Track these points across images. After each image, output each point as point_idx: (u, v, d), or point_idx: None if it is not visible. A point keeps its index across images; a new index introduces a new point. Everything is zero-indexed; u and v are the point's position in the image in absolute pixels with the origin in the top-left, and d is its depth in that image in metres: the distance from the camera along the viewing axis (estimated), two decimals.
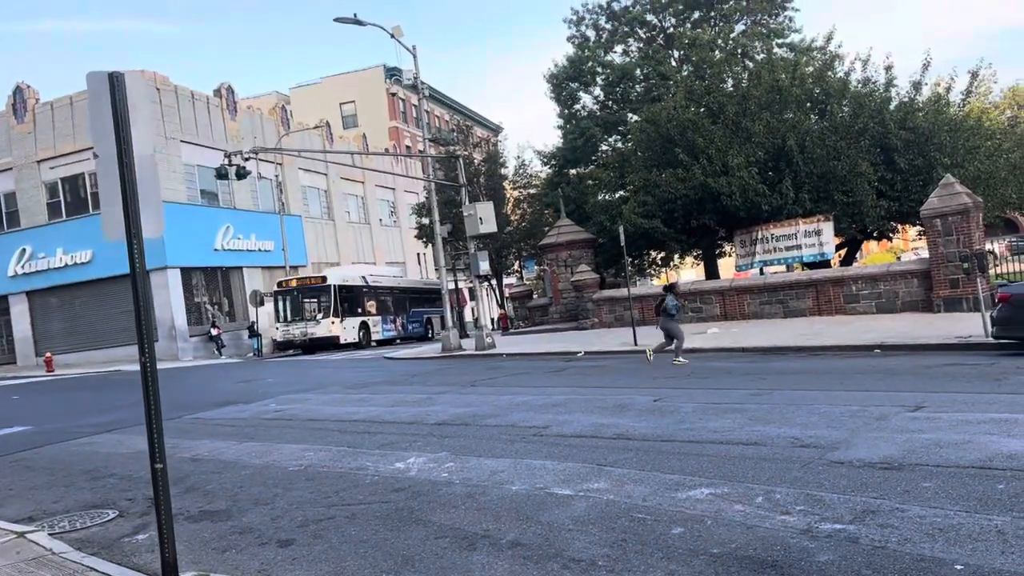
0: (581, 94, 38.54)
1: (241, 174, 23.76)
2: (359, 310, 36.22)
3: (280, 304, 34.99)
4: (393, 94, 63.01)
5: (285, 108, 47.98)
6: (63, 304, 37.48)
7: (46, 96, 37.88)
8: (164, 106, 35.98)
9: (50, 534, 6.45)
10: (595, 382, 13.96)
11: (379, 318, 37.94)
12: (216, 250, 37.89)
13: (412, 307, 42.00)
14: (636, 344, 19.57)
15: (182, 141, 36.75)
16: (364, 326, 36.10)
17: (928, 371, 11.45)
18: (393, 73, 58.89)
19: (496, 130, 66.34)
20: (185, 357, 34.80)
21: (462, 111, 69.01)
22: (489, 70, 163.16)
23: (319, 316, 33.84)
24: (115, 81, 4.56)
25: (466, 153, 38.51)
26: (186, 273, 36.41)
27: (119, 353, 34.19)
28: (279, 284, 35.69)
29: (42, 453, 10.61)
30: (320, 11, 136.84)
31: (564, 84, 38.05)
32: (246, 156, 23.77)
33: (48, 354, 33.78)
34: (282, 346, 34.57)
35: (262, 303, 36.08)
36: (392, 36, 24.60)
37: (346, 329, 34.35)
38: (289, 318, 34.55)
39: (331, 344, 33.51)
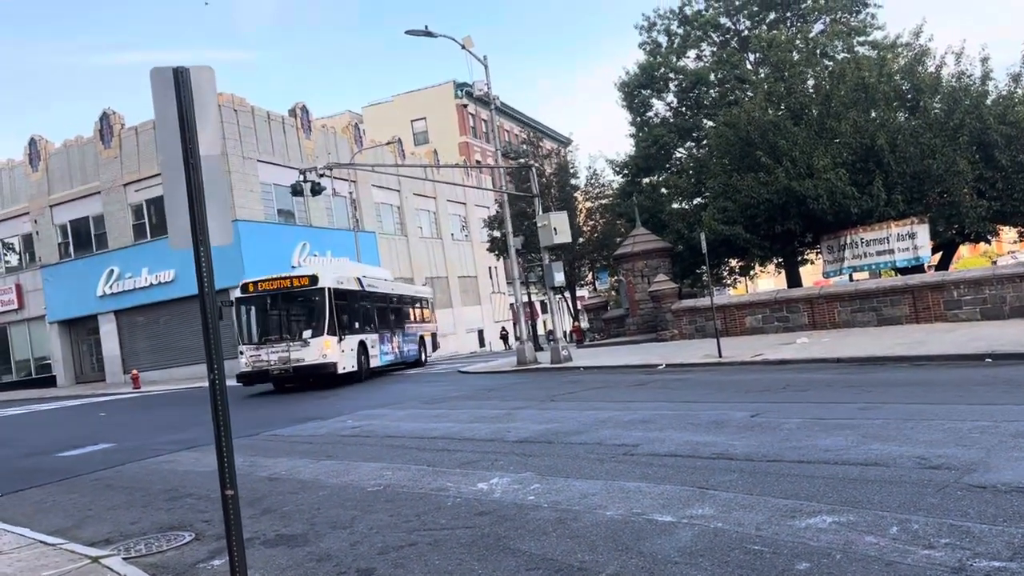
0: (653, 101, 37.84)
1: (316, 190, 23.89)
2: (356, 325, 25.16)
3: (246, 317, 23.22)
4: (464, 106, 63.33)
5: (358, 126, 48.61)
6: (149, 322, 38.56)
7: (131, 123, 39.18)
8: (241, 127, 36.75)
9: (124, 559, 6.21)
10: (683, 396, 13.26)
11: (376, 337, 26.98)
12: (293, 267, 38.39)
13: (406, 322, 31.72)
14: (720, 356, 18.74)
15: (259, 160, 37.48)
16: (363, 348, 24.99)
17: None
18: (464, 86, 59.21)
19: (566, 142, 65.98)
20: None
21: (532, 124, 68.88)
22: (558, 82, 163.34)
23: (307, 334, 22.54)
24: (180, 77, 4.24)
25: (537, 164, 37.90)
26: None
27: (202, 369, 34.74)
28: (244, 288, 23.33)
29: (123, 471, 10.55)
30: (392, 30, 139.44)
31: (636, 91, 37.38)
32: (320, 172, 23.91)
33: (134, 371, 34.71)
34: (249, 378, 22.61)
35: (221, 316, 24.53)
36: (463, 47, 24.46)
37: (344, 352, 23.25)
38: (260, 337, 22.85)
39: (325, 375, 22.59)
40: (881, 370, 14.13)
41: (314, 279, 23.14)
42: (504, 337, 57.60)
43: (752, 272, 37.86)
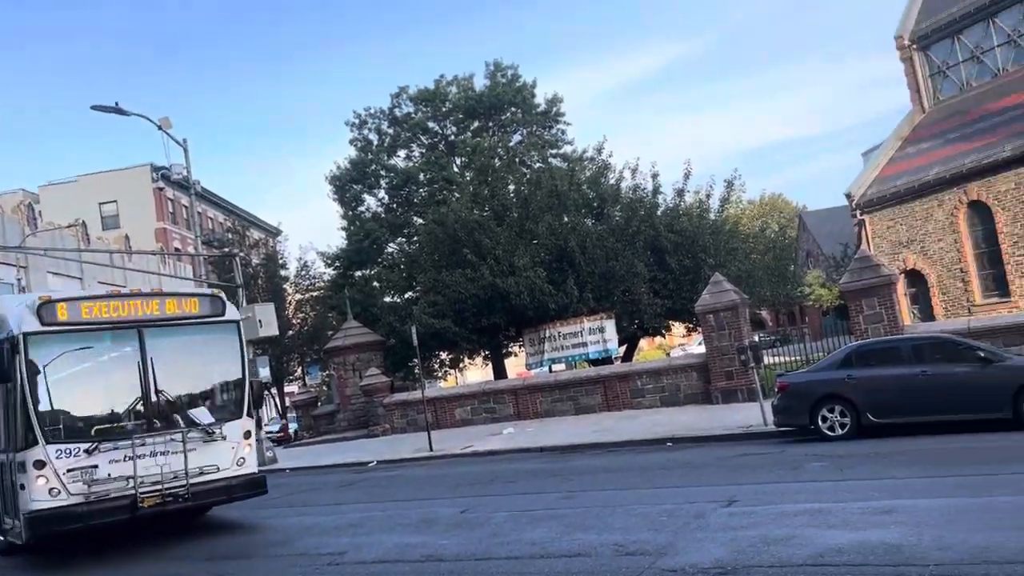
0: (365, 196, 38.20)
1: None
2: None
3: (48, 377, 9.46)
4: (160, 189, 59.19)
5: (32, 206, 43.30)
6: None
7: None
8: None
9: None
10: (392, 495, 12.85)
11: None
12: None
13: None
14: (431, 450, 18.67)
15: None
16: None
17: (726, 463, 11.58)
18: (161, 170, 55.50)
19: (275, 232, 64.15)
20: None
21: (238, 213, 66.18)
22: (268, 172, 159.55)
23: (202, 416, 10.30)
24: None
25: (242, 254, 36.14)
26: None
27: None
28: (46, 312, 9.56)
29: None
30: (81, 105, 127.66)
31: (348, 186, 37.55)
32: None
33: None
34: (61, 524, 9.11)
35: (6, 376, 9.53)
36: (159, 127, 22.92)
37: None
38: (98, 426, 9.66)
39: (249, 496, 10.78)
40: (580, 457, 14.89)
41: (218, 303, 11.13)
42: None
43: (461, 364, 38.84)
